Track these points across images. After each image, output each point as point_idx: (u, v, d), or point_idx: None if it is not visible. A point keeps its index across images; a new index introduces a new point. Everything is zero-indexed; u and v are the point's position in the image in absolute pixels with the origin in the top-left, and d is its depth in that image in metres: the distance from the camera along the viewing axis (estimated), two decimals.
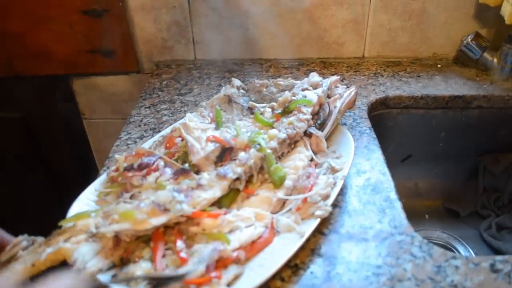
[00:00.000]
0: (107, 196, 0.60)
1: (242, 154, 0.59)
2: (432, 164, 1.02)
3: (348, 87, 0.77)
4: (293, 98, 0.70)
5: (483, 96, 0.92)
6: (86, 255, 0.48)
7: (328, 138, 0.70)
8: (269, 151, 0.60)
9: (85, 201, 0.59)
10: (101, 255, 0.49)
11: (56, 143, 1.27)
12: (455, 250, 0.91)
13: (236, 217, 0.54)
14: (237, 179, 0.57)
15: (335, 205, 0.61)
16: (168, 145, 0.68)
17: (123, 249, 0.50)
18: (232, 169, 0.57)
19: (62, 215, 0.55)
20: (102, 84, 1.15)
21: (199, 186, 0.55)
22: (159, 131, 0.81)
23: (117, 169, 0.62)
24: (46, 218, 0.59)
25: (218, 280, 0.46)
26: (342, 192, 0.64)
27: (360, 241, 0.56)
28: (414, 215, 1.02)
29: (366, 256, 0.54)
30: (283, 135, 0.63)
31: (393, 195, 0.63)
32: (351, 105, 0.74)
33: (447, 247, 0.93)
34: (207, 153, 0.61)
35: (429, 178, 1.03)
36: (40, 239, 0.52)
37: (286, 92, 0.72)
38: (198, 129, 0.66)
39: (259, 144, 0.61)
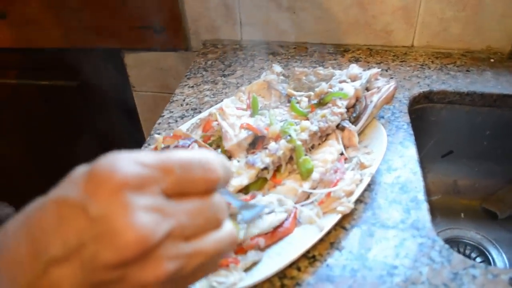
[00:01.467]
0: None
1: (272, 144, 0.61)
2: (473, 162, 0.98)
3: (389, 80, 0.76)
4: (330, 90, 0.70)
5: None
6: None
7: (361, 132, 0.70)
8: (299, 143, 0.62)
9: None
10: None
11: (108, 112, 1.35)
12: (487, 253, 0.89)
13: (259, 201, 0.57)
14: (265, 168, 0.60)
15: (360, 200, 0.62)
16: (205, 128, 0.72)
17: None
18: (261, 159, 0.60)
19: None
20: (151, 59, 1.20)
21: None
22: (200, 112, 0.85)
23: (155, 149, 0.66)
24: None
25: (235, 265, 0.49)
26: (369, 188, 0.64)
27: (380, 240, 0.57)
28: (449, 212, 1.01)
29: (384, 255, 0.55)
30: (314, 128, 0.64)
31: (421, 196, 0.63)
32: (388, 100, 0.73)
33: (479, 249, 0.92)
34: (239, 140, 0.64)
35: (469, 177, 1.00)
36: None
37: (323, 83, 0.72)
38: (234, 116, 0.68)
39: (289, 136, 0.62)
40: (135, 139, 1.38)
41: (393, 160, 0.70)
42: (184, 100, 0.89)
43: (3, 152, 1.50)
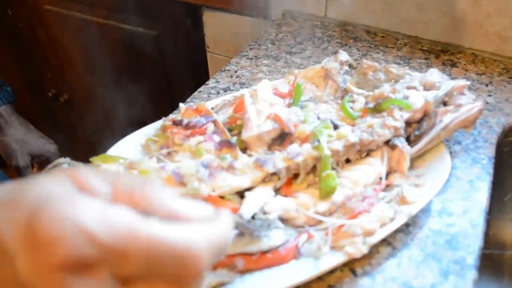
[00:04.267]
0: (153, 144, 0.57)
1: (294, 147, 0.50)
2: None
3: (477, 98, 0.59)
4: (391, 95, 0.56)
5: None
6: None
7: (419, 157, 0.55)
8: (327, 152, 0.50)
9: (132, 143, 0.58)
10: None
11: (180, 67, 1.32)
12: None
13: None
14: (275, 174, 0.49)
15: (388, 242, 0.49)
16: (236, 108, 0.62)
17: None
18: (273, 162, 0.49)
19: None
20: (229, 21, 1.12)
21: (231, 168, 0.49)
22: (247, 88, 0.75)
23: (173, 119, 0.59)
24: None
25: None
26: (406, 230, 0.50)
27: None
28: None
29: None
30: (354, 138, 0.51)
31: (471, 260, 0.47)
32: (467, 125, 0.56)
33: None
34: (260, 132, 0.53)
35: None
36: (79, 165, 0.53)
37: (386, 85, 0.58)
38: (266, 102, 0.58)
39: (318, 141, 0.50)
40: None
41: (452, 201, 0.54)
42: (236, 72, 0.80)
43: (82, 86, 1.57)
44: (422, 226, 0.51)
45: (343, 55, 0.69)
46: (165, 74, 1.36)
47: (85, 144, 1.69)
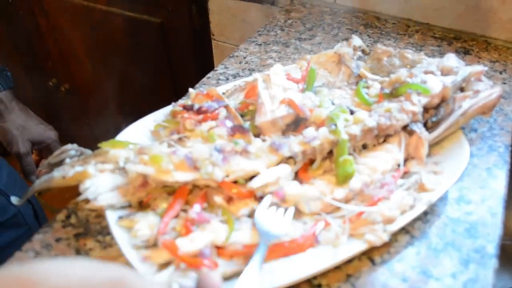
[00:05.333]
0: (162, 130, 0.56)
1: (310, 131, 0.49)
2: None
3: (494, 84, 0.57)
4: (408, 79, 0.54)
5: None
6: (101, 186, 0.45)
7: (436, 144, 0.54)
8: (345, 136, 0.48)
9: (141, 129, 0.56)
10: (120, 191, 0.46)
11: (184, 55, 1.30)
12: None
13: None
14: (291, 158, 0.48)
15: (407, 231, 0.48)
16: (248, 93, 0.61)
17: (146, 192, 0.47)
18: (289, 145, 0.47)
19: None
20: (236, 8, 1.10)
21: (245, 152, 0.47)
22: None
23: (183, 105, 0.58)
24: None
25: (211, 270, 0.39)
26: (424, 218, 0.49)
27: None
28: None
29: None
30: (371, 123, 0.50)
31: (492, 249, 0.46)
32: (486, 111, 0.55)
33: None
34: (274, 117, 0.52)
35: None
36: (87, 152, 0.52)
37: (402, 70, 0.56)
38: (280, 86, 0.56)
39: (335, 125, 0.49)
40: None
41: (470, 189, 0.53)
42: (245, 58, 0.79)
43: (85, 74, 1.55)
44: (440, 214, 0.50)
45: (356, 40, 0.67)
46: (169, 62, 1.34)
47: (88, 134, 1.67)
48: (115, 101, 1.48)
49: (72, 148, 0.52)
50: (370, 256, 0.45)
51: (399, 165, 0.50)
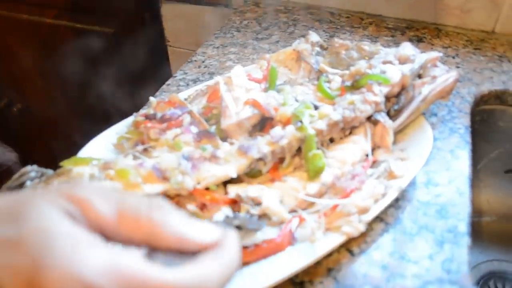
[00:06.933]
0: (126, 142, 0.54)
1: (276, 130, 0.48)
2: None
3: (450, 69, 0.59)
4: (368, 71, 0.55)
5: None
6: None
7: (400, 131, 0.55)
8: (311, 132, 0.48)
9: (103, 143, 0.54)
10: None
11: (140, 64, 1.27)
12: None
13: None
14: (261, 159, 0.47)
15: (381, 219, 0.48)
16: (210, 97, 0.60)
17: None
18: (258, 147, 0.47)
19: None
20: (190, 13, 1.09)
21: (213, 158, 0.46)
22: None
23: (145, 115, 0.56)
24: None
25: None
26: (396, 204, 0.50)
27: (394, 277, 0.43)
28: (502, 240, 0.83)
29: None
30: (336, 116, 0.50)
31: (463, 227, 0.47)
32: (444, 95, 0.56)
33: None
34: (240, 119, 0.51)
35: None
36: (48, 173, 0.49)
37: (361, 62, 0.57)
38: (242, 88, 0.55)
39: (301, 122, 0.49)
40: None
41: (436, 172, 0.54)
42: (203, 62, 0.78)
43: (37, 91, 1.48)
44: (411, 199, 0.51)
45: (314, 36, 0.68)
46: (125, 72, 1.30)
47: (47, 153, 1.60)
48: (72, 117, 1.43)
49: (32, 170, 0.49)
50: (348, 247, 0.45)
51: (367, 155, 0.51)
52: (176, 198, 0.45)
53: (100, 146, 0.54)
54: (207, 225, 0.25)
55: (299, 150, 0.50)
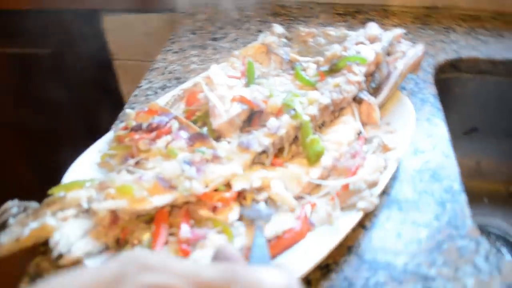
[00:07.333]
0: (111, 159, 0.51)
1: (272, 121, 0.48)
2: (500, 141, 0.86)
3: (414, 43, 0.62)
4: (344, 53, 0.57)
5: None
6: (72, 235, 0.40)
7: (382, 107, 0.57)
8: (306, 118, 0.49)
9: (86, 163, 0.51)
10: (92, 235, 0.41)
11: (86, 82, 1.21)
12: None
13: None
14: (263, 152, 0.47)
15: (383, 191, 0.50)
16: (188, 101, 0.58)
17: (120, 228, 0.42)
18: (258, 140, 0.47)
19: None
20: (134, 22, 1.05)
21: (216, 158, 0.45)
22: (185, 81, 0.71)
23: (126, 127, 0.53)
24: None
25: None
26: (393, 176, 0.52)
27: (411, 242, 0.44)
28: (470, 197, 0.89)
29: (416, 263, 0.43)
30: (326, 100, 0.51)
31: (457, 186, 0.50)
32: (416, 68, 0.59)
33: (505, 239, 0.80)
34: (231, 117, 0.50)
35: (494, 157, 0.88)
36: (32, 206, 0.45)
37: (336, 46, 0.58)
38: (224, 86, 0.55)
39: (294, 110, 0.49)
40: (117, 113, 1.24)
41: (420, 140, 0.57)
42: (166, 68, 0.75)
43: None
44: (405, 168, 0.53)
45: (278, 28, 0.68)
46: (72, 93, 1.23)
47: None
48: (19, 146, 1.33)
49: (13, 205, 0.45)
50: (361, 223, 0.46)
51: (358, 134, 0.52)
52: (185, 207, 0.44)
53: (84, 168, 0.51)
54: (271, 268, 0.26)
55: (295, 138, 0.50)
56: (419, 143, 0.57)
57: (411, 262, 0.43)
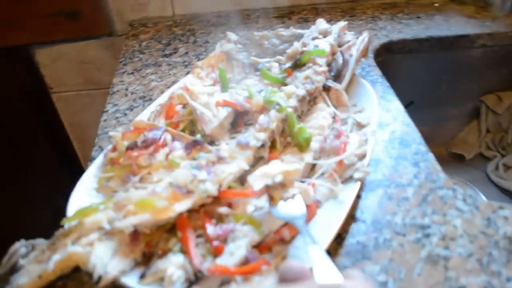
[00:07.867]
0: (109, 182, 0.51)
1: (262, 117, 0.52)
2: (434, 109, 0.98)
3: (358, 33, 0.70)
4: (304, 49, 0.62)
5: (488, 34, 0.87)
6: (104, 257, 0.40)
7: (345, 91, 0.64)
8: (290, 110, 0.53)
9: (84, 191, 0.51)
10: (120, 254, 0.42)
11: (23, 122, 1.14)
12: None
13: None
14: (262, 146, 0.50)
15: None
16: (167, 115, 0.60)
17: (143, 243, 0.43)
18: (254, 136, 0.50)
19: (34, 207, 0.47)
20: (70, 52, 1.02)
21: (220, 159, 0.48)
22: (150, 99, 0.72)
23: (114, 149, 0.54)
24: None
25: (268, 268, 0.40)
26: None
27: (401, 201, 0.51)
28: None
29: (412, 216, 0.49)
30: (302, 92, 0.56)
31: (423, 147, 0.58)
32: (365, 53, 0.67)
33: None
34: (221, 121, 0.54)
35: (431, 124, 0.99)
36: (41, 242, 0.44)
37: (295, 43, 0.64)
38: (204, 94, 0.58)
39: (278, 104, 0.53)
40: (61, 148, 1.19)
41: (382, 115, 0.64)
42: (127, 89, 0.76)
43: None
44: (377, 141, 0.60)
45: (232, 35, 0.72)
46: (8, 137, 1.16)
47: None
48: None
49: (21, 245, 0.44)
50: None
51: (333, 117, 0.58)
52: (202, 209, 0.46)
53: (83, 197, 0.50)
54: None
55: (281, 131, 0.54)
56: (381, 118, 0.64)
57: (407, 217, 0.49)
